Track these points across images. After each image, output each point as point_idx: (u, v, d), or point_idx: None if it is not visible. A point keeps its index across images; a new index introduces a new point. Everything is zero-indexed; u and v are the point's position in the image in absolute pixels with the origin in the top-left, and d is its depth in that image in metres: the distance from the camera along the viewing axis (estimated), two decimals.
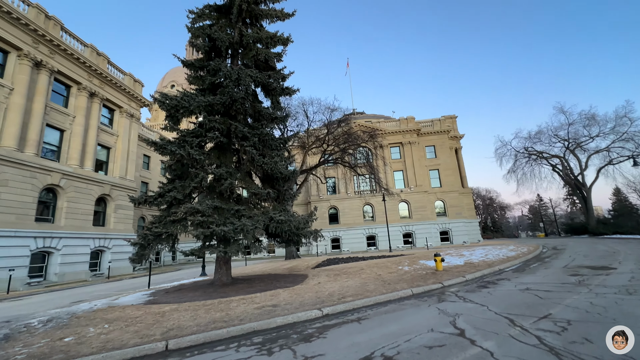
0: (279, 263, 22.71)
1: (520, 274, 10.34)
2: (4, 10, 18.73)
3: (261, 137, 10.96)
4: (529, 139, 40.03)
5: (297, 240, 11.06)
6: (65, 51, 22.81)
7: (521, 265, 12.69)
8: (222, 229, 8.64)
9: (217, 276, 11.30)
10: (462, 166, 47.75)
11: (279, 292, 8.83)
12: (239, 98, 10.36)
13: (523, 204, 72.95)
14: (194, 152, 9.60)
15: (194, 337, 5.20)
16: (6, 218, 18.00)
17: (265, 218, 10.14)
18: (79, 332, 5.78)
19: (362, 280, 9.98)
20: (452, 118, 48.88)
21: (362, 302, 7.23)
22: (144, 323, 6.22)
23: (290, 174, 10.81)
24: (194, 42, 11.47)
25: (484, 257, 16.07)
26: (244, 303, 7.53)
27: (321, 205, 43.27)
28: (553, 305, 5.59)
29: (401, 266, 13.42)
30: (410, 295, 8.06)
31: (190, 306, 7.57)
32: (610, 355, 3.44)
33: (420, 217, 40.73)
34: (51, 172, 21.04)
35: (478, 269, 11.54)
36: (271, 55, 12.25)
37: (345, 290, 8.55)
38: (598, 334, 3.99)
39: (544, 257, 15.81)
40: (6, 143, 18.64)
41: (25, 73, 20.11)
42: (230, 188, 9.58)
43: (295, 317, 6.21)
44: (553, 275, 9.20)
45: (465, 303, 6.38)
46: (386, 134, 43.65)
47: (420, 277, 10.32)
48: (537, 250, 19.15)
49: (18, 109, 19.40)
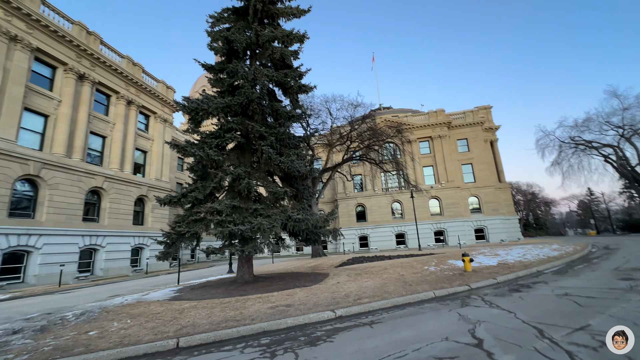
0: (304, 261, 22.81)
1: (560, 276, 9.37)
2: (51, 29, 20.59)
3: (278, 136, 10.96)
4: (575, 128, 36.41)
5: (316, 238, 10.94)
6: (105, 63, 24.62)
7: (563, 267, 11.53)
8: (239, 228, 8.76)
9: (239, 274, 11.52)
10: (498, 159, 44.80)
11: (296, 291, 8.77)
12: (255, 98, 10.43)
13: (571, 199, 66.89)
14: (212, 153, 9.82)
15: (204, 336, 5.27)
16: (58, 218, 19.86)
17: (283, 217, 10.13)
18: (103, 327, 6.12)
19: (383, 281, 9.62)
20: (487, 109, 45.98)
21: (379, 304, 6.93)
22: (162, 319, 6.45)
23: (308, 172, 10.70)
24: (213, 45, 11.73)
25: (521, 257, 14.87)
26: (259, 302, 7.55)
27: (348, 203, 42.89)
28: (594, 314, 4.91)
29: (427, 266, 12.80)
30: (432, 298, 7.60)
31: (209, 304, 7.75)
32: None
33: (452, 214, 38.84)
34: (95, 175, 22.86)
35: (512, 271, 10.66)
36: (287, 54, 12.20)
37: (363, 291, 8.27)
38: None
39: (591, 257, 14.27)
40: (56, 150, 20.53)
41: (71, 85, 21.98)
42: (247, 187, 9.68)
43: (306, 319, 6.08)
44: (600, 279, 8.20)
45: (490, 309, 5.85)
46: (414, 129, 42.09)
47: (446, 278, 9.73)
48: (584, 250, 17.38)
49: (65, 119, 21.27)
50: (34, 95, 19.75)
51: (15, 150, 17.95)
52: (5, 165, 17.42)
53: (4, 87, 17.99)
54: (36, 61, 20.38)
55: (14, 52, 18.72)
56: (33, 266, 18.36)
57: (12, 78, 18.40)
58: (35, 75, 20.18)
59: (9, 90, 18.13)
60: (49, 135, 20.46)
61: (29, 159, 18.62)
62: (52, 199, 19.71)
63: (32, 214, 18.96)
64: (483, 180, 40.59)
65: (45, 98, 20.49)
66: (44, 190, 19.52)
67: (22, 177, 18.49)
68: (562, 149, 38.08)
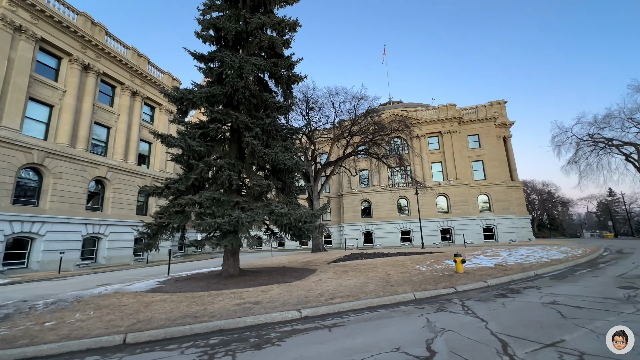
0: (302, 256, 22.62)
1: (557, 282, 8.73)
2: (55, 19, 20.80)
3: (264, 127, 10.61)
4: (594, 124, 34.40)
5: (300, 234, 10.64)
6: (109, 54, 24.81)
7: (565, 272, 10.81)
8: (216, 221, 8.53)
9: (224, 267, 11.37)
10: (511, 156, 43.16)
11: (273, 287, 8.50)
12: (239, 87, 10.10)
13: (589, 199, 63.98)
14: (194, 144, 9.60)
15: (154, 333, 5.06)
16: (61, 206, 20.29)
17: (266, 210, 9.85)
18: (63, 318, 6.02)
19: (366, 280, 9.23)
20: (501, 103, 44.21)
21: (350, 305, 6.56)
22: (124, 312, 6.30)
23: (293, 165, 10.33)
24: (201, 33, 11.42)
25: (523, 259, 14.15)
26: (229, 298, 7.32)
27: (353, 199, 42.38)
28: (573, 328, 4.39)
29: (420, 265, 12.30)
30: (411, 300, 7.17)
31: (179, 297, 7.58)
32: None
33: (460, 212, 37.76)
34: (99, 165, 23.23)
35: (507, 273, 10.06)
36: (277, 42, 11.76)
37: (340, 290, 7.92)
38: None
39: (599, 262, 13.40)
40: (60, 140, 20.90)
41: (75, 76, 22.25)
42: (229, 180, 9.42)
43: (268, 318, 5.79)
44: (598, 287, 7.54)
45: (464, 316, 5.39)
46: (423, 124, 40.95)
47: (434, 279, 9.24)
48: (594, 253, 16.41)
49: (70, 109, 21.59)
50: (38, 86, 20.09)
51: (19, 139, 18.33)
52: (9, 154, 17.83)
53: (8, 77, 18.33)
54: (41, 51, 20.69)
55: (19, 42, 19.01)
56: (36, 252, 18.87)
57: (17, 68, 18.72)
58: (40, 66, 20.49)
59: (13, 80, 18.47)
60: (53, 125, 20.83)
61: (33, 148, 19.00)
62: (55, 188, 20.13)
63: (37, 202, 19.42)
64: (494, 177, 39.20)
65: (50, 88, 20.82)
66: (48, 178, 19.95)
67: (26, 165, 18.91)
68: (580, 146, 36.16)
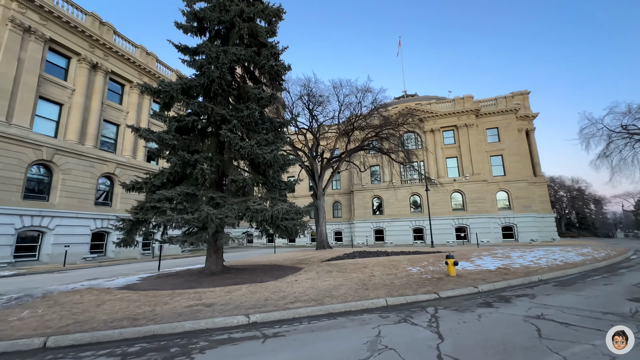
0: (302, 253, 22.19)
1: (560, 289, 7.67)
2: (64, 20, 21.38)
3: (243, 119, 10.14)
4: (628, 115, 31.12)
5: (283, 231, 10.10)
6: (117, 53, 25.32)
7: (575, 277, 9.62)
8: (182, 217, 8.19)
9: (206, 265, 11.10)
10: (534, 151, 40.46)
11: (242, 287, 8.05)
12: (215, 78, 9.67)
13: (624, 197, 58.93)
14: (167, 137, 9.30)
15: (79, 336, 4.72)
16: (70, 202, 20.99)
17: (243, 207, 9.41)
18: (7, 316, 5.86)
19: (343, 281, 8.57)
20: (523, 94, 41.45)
21: (309, 310, 5.97)
22: (71, 311, 6.06)
23: (272, 159, 9.80)
24: (181, 23, 11.08)
25: (533, 262, 12.92)
26: (187, 298, 6.93)
27: (364, 195, 41.42)
28: (542, 354, 3.55)
29: (413, 267, 11.46)
30: (382, 307, 6.47)
31: (140, 296, 7.30)
32: None
33: (476, 210, 35.85)
34: (107, 162, 23.85)
35: (506, 278, 9.06)
36: (260, 30, 11.22)
37: (309, 292, 7.33)
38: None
39: (622, 266, 11.95)
40: (70, 137, 21.58)
41: (84, 75, 22.87)
42: (202, 174, 9.05)
43: (209, 323, 5.32)
44: (603, 297, 6.47)
45: (423, 330, 4.64)
46: (437, 117, 39.15)
47: (418, 282, 8.43)
48: (619, 257, 14.79)
49: (79, 107, 22.23)
50: (48, 85, 20.78)
51: (29, 136, 19.04)
52: (19, 151, 18.56)
53: (18, 77, 19.03)
54: (50, 51, 21.36)
55: (28, 43, 19.69)
56: (47, 246, 19.63)
57: (27, 68, 19.41)
58: (49, 65, 21.18)
59: (23, 79, 19.17)
60: (63, 123, 21.54)
61: (42, 145, 19.69)
62: (64, 183, 20.83)
63: (47, 197, 20.18)
64: (514, 173, 36.86)
65: (60, 87, 21.50)
66: (57, 174, 20.66)
67: (36, 162, 19.64)
68: (612, 139, 32.94)
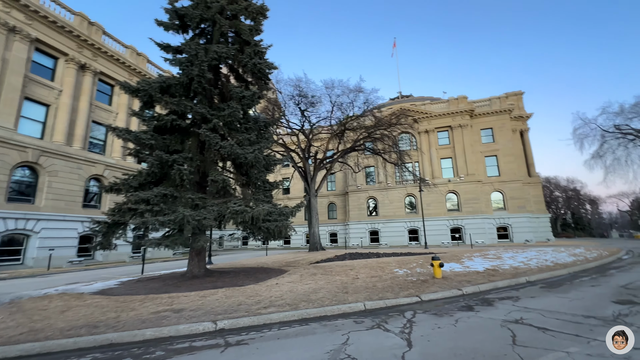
0: (293, 255, 21.91)
1: (545, 291, 7.46)
2: (50, 20, 21.07)
3: (225, 118, 9.89)
4: (621, 115, 31.24)
5: (265, 233, 9.85)
6: (106, 53, 25.00)
7: (564, 278, 9.42)
8: (157, 219, 7.92)
9: (188, 268, 10.81)
10: (528, 151, 40.44)
11: (218, 291, 7.77)
12: (194, 76, 9.43)
13: (619, 197, 59.13)
14: (143, 137, 9.03)
15: (28, 346, 4.43)
16: (57, 204, 20.60)
17: (223, 208, 9.14)
18: None
19: (325, 284, 8.31)
20: (517, 95, 41.47)
21: (281, 315, 5.71)
22: (31, 319, 5.76)
23: (253, 159, 9.55)
24: (161, 21, 10.82)
25: (524, 263, 12.74)
26: (157, 304, 6.65)
27: (359, 196, 41.19)
28: None
29: (400, 269, 11.22)
30: (359, 311, 6.22)
31: (111, 301, 7.00)
32: None
33: (471, 211, 35.70)
34: (95, 163, 23.48)
35: (492, 280, 8.85)
36: (243, 28, 11.00)
37: (285, 296, 7.07)
38: None
39: (612, 267, 11.78)
40: (56, 138, 21.21)
41: (72, 75, 22.53)
42: (179, 175, 8.78)
43: (172, 330, 5.05)
44: (589, 300, 6.26)
45: (394, 337, 4.39)
46: (432, 118, 39.06)
47: (402, 285, 8.19)
48: (611, 257, 14.66)
49: (66, 108, 21.87)
50: (34, 85, 20.42)
51: (13, 138, 18.67)
52: (3, 152, 18.18)
53: (2, 77, 18.67)
54: (37, 51, 21.01)
55: (13, 42, 19.34)
56: (32, 249, 19.21)
57: (11, 68, 19.05)
58: (36, 66, 20.82)
59: (7, 80, 18.80)
60: (49, 124, 21.17)
61: (28, 146, 19.32)
62: (51, 186, 20.44)
63: (32, 200, 19.79)
64: (509, 174, 36.78)
65: (46, 88, 21.14)
66: (43, 176, 20.28)
67: (21, 164, 19.26)
68: (606, 139, 33.05)
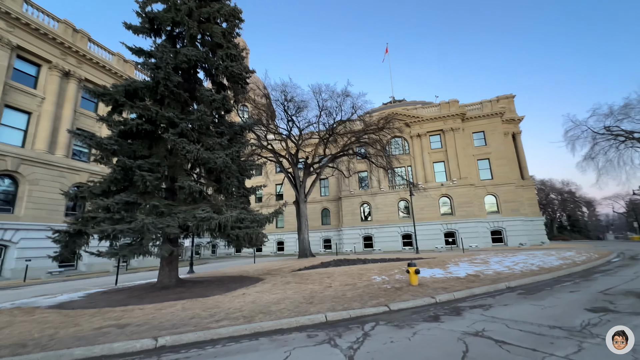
0: (282, 262, 21.45)
1: (521, 299, 7.09)
2: (32, 27, 20.89)
3: (194, 123, 9.60)
4: (610, 116, 31.22)
5: (235, 241, 9.47)
6: (92, 60, 24.83)
7: (546, 283, 9.06)
8: (114, 227, 7.55)
9: (159, 278, 10.40)
10: (521, 154, 40.34)
11: (178, 303, 7.37)
12: (160, 79, 9.15)
13: (614, 199, 58.96)
14: (105, 142, 8.71)
15: None
16: (37, 213, 20.13)
17: (189, 215, 8.78)
18: None
19: (291, 295, 7.91)
20: (509, 98, 41.52)
21: (231, 330, 5.32)
22: None
23: (223, 164, 9.22)
24: (131, 24, 10.59)
25: (509, 267, 12.41)
26: (107, 318, 6.24)
27: (352, 201, 40.85)
28: None
29: (379, 276, 10.83)
30: (320, 323, 5.84)
31: (61, 316, 6.60)
32: None
33: (464, 214, 35.40)
34: (79, 171, 23.08)
35: (470, 287, 8.48)
36: (216, 31, 10.77)
37: (245, 308, 6.67)
38: None
39: (599, 270, 11.43)
40: (38, 146, 20.85)
41: (55, 83, 22.28)
42: (143, 181, 8.44)
43: (105, 349, 4.65)
44: (561, 307, 5.90)
45: (336, 355, 4.02)
46: (424, 121, 39.01)
47: (373, 294, 7.81)
48: (600, 260, 14.32)
49: (49, 116, 21.56)
50: (15, 93, 20.12)
51: None
52: None
53: None
54: (18, 59, 20.78)
55: None
56: (10, 260, 18.68)
57: None
58: (17, 73, 20.56)
59: None
60: (31, 132, 20.83)
61: (7, 155, 18.94)
62: (31, 195, 20.01)
63: (11, 209, 19.33)
64: (502, 177, 36.60)
65: (28, 95, 20.85)
66: (23, 185, 19.86)
67: (0, 172, 18.86)
68: (597, 140, 32.99)
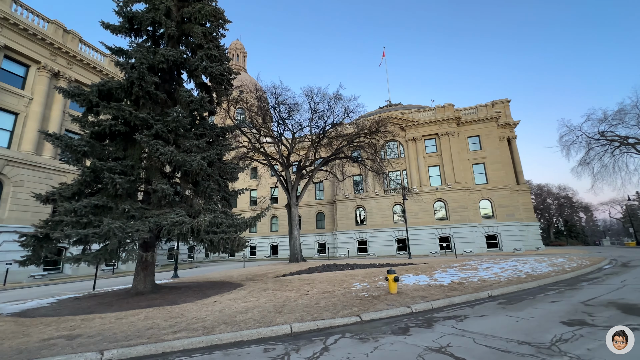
0: (270, 267, 21.10)
1: (499, 309, 6.81)
2: (21, 27, 20.70)
3: (169, 124, 9.34)
4: (605, 121, 31.13)
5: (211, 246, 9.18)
6: (82, 61, 24.63)
7: (528, 292, 8.78)
8: (78, 232, 7.27)
9: (133, 284, 10.08)
10: (516, 159, 40.21)
11: (142, 312, 7.05)
12: (134, 79, 8.91)
13: (611, 204, 58.81)
14: (75, 143, 8.44)
15: None
16: (22, 215, 19.79)
17: (161, 219, 8.49)
18: None
19: (262, 303, 7.60)
20: (504, 102, 41.52)
21: (186, 342, 5.02)
22: None
23: (198, 167, 8.95)
24: (109, 23, 10.36)
25: (496, 275, 12.15)
26: (62, 328, 5.93)
27: (347, 205, 40.54)
28: None
29: (360, 282, 10.53)
30: (285, 334, 5.55)
31: (18, 325, 6.27)
32: None
33: (459, 219, 35.11)
34: (67, 173, 22.74)
35: (450, 295, 8.20)
36: (196, 31, 10.56)
37: (209, 317, 6.36)
38: None
39: (587, 278, 11.15)
40: (25, 147, 20.57)
41: (44, 84, 22.05)
42: (113, 184, 8.16)
43: None
44: (537, 320, 5.61)
45: None
46: (419, 125, 38.86)
47: (348, 303, 7.51)
48: (590, 267, 14.04)
49: (36, 116, 21.31)
50: (2, 93, 19.86)
51: None
52: None
53: None
54: (6, 59, 20.56)
55: None
56: None
57: None
58: (4, 73, 20.33)
59: None
60: (17, 133, 20.57)
61: None
62: (16, 196, 19.69)
63: None
64: (497, 181, 36.38)
65: (15, 96, 20.60)
66: (7, 187, 19.54)
67: None
68: (592, 146, 32.87)
